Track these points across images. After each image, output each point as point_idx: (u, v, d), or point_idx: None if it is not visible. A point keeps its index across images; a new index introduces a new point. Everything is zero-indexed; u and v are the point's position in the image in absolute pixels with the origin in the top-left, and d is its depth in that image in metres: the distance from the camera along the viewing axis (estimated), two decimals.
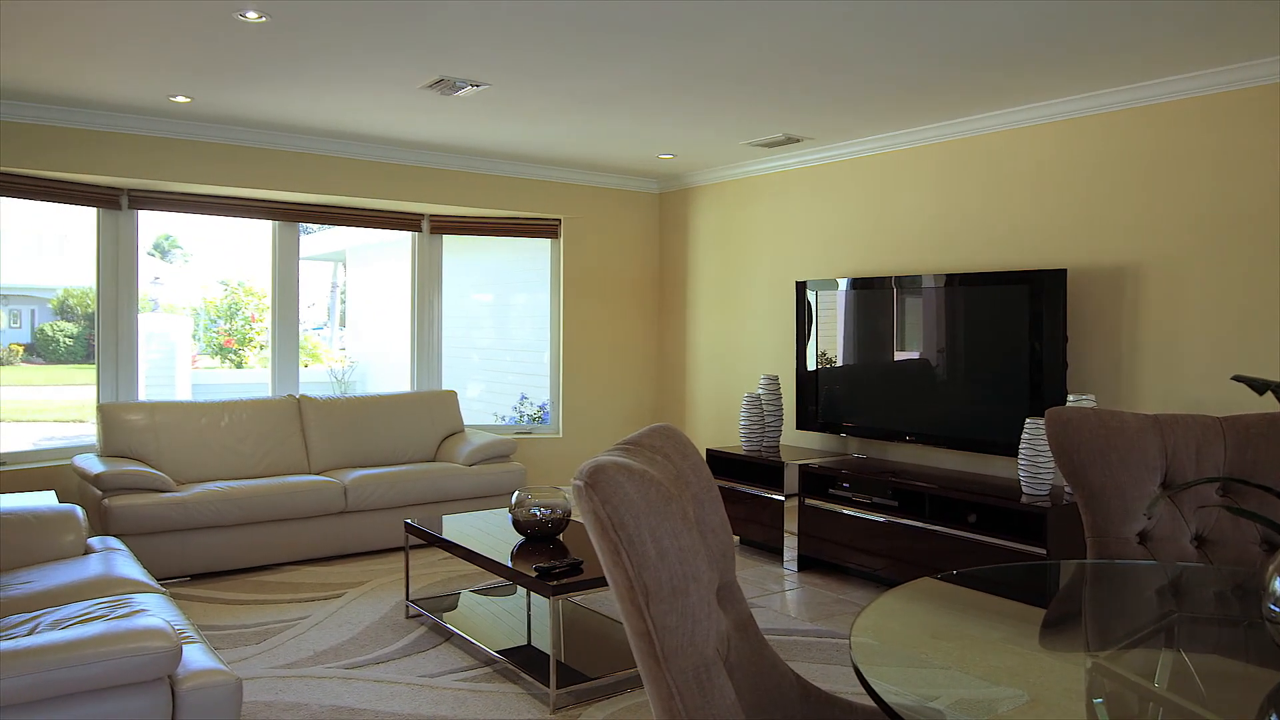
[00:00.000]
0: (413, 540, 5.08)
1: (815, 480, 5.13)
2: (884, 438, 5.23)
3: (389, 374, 10.64)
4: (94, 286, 5.93)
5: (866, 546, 4.80)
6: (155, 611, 2.86)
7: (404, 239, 7.02)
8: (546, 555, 3.68)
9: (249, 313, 11.69)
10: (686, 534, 1.36)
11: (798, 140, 5.60)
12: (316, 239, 12.92)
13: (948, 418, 4.89)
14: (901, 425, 5.11)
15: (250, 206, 6.04)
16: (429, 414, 6.13)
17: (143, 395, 8.33)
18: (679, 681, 1.35)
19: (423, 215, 6.71)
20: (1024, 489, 4.29)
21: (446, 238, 6.91)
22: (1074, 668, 1.86)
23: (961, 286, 4.86)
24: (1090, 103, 4.48)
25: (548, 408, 7.29)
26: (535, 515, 3.82)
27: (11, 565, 3.44)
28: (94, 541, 3.75)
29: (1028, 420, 4.31)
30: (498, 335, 8.23)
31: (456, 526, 4.25)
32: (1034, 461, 4.23)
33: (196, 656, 2.48)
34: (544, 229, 6.95)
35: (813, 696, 1.85)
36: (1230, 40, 3.66)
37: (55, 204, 5.46)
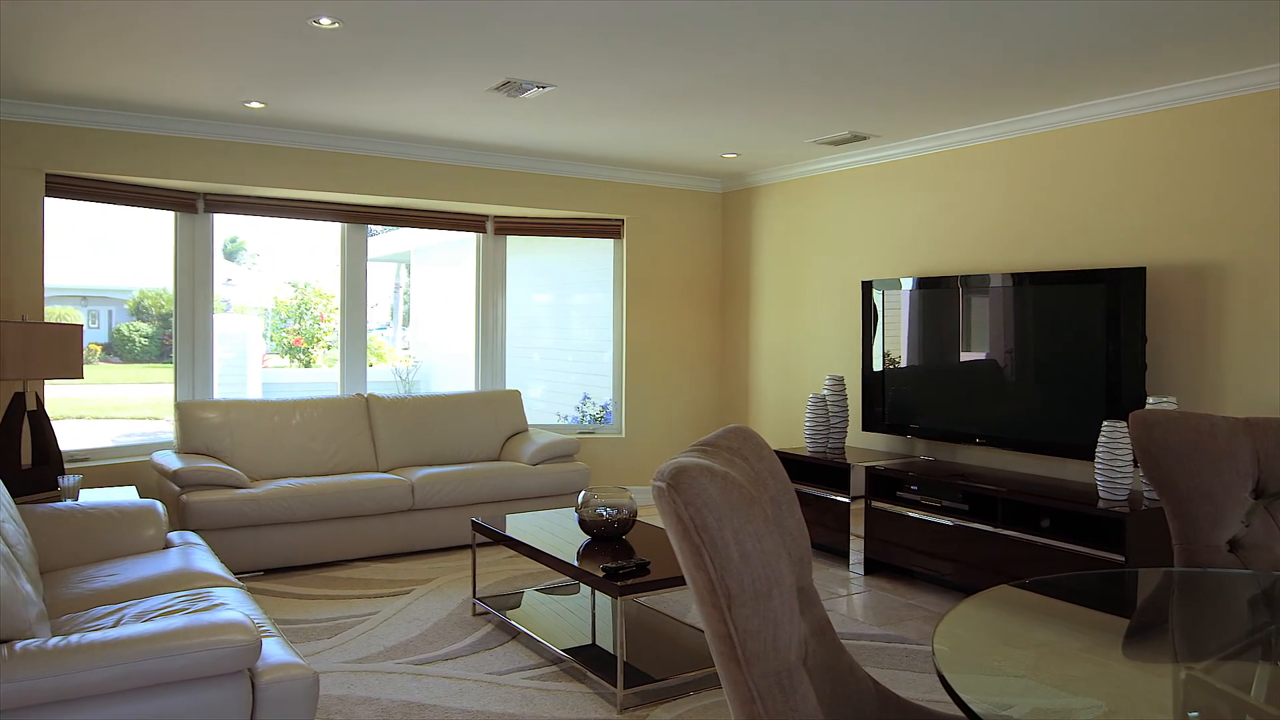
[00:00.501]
0: (478, 538, 5.14)
1: (882, 482, 5.06)
2: (953, 440, 5.13)
3: (452, 373, 10.77)
4: (168, 288, 6.10)
5: (935, 550, 4.72)
6: (234, 606, 2.93)
7: (467, 240, 7.10)
8: (613, 555, 3.68)
9: (317, 313, 11.96)
10: (769, 536, 1.34)
11: (864, 138, 5.53)
12: (381, 241, 13.13)
13: (1019, 420, 4.79)
14: (971, 427, 5.01)
15: (320, 209, 6.15)
16: (494, 413, 6.18)
17: (216, 394, 8.54)
18: (761, 686, 1.33)
19: (487, 216, 6.78)
20: (1101, 493, 4.17)
21: (510, 238, 6.96)
22: (1157, 679, 1.80)
23: (1033, 285, 4.75)
24: (1167, 96, 4.34)
25: (610, 408, 7.31)
26: (601, 515, 3.83)
27: (97, 558, 3.55)
28: (173, 536, 3.85)
29: (1105, 423, 4.19)
30: (558, 335, 8.27)
31: (523, 525, 4.28)
32: (1111, 465, 4.12)
33: (275, 650, 2.53)
34: (607, 229, 6.97)
35: (891, 703, 1.82)
36: None
37: (137, 208, 5.62)
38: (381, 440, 5.76)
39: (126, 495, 4.51)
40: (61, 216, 5.44)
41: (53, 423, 4.59)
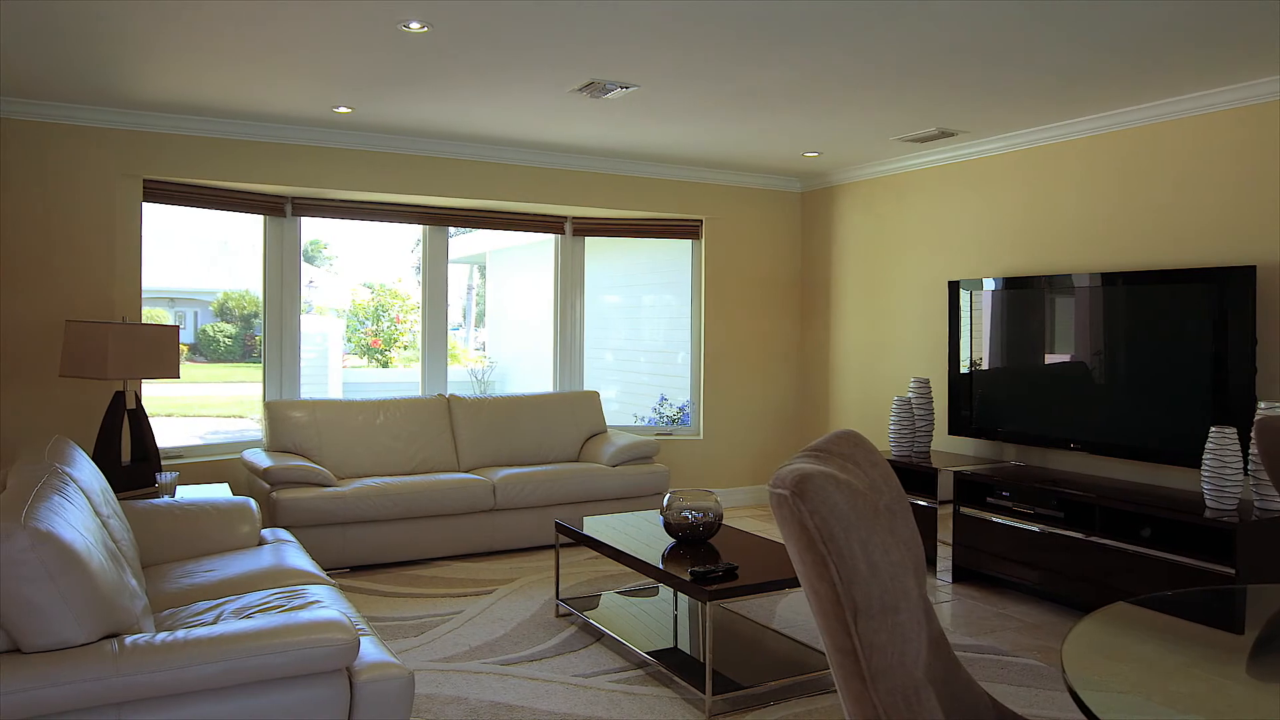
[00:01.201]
0: (561, 539, 5.13)
1: (972, 488, 4.92)
2: (1045, 445, 4.97)
3: (527, 374, 10.84)
4: (250, 289, 6.24)
5: (1027, 559, 4.57)
6: (329, 604, 2.97)
7: (543, 242, 7.13)
8: (700, 559, 3.64)
9: (394, 314, 12.16)
10: (896, 548, 1.29)
11: (951, 134, 5.39)
12: (456, 243, 13.29)
13: (1114, 424, 4.61)
14: (1064, 432, 4.85)
15: (402, 211, 6.24)
16: (572, 414, 6.19)
17: (298, 394, 8.72)
18: (887, 703, 1.28)
19: (566, 218, 6.79)
20: (1208, 502, 3.99)
21: (587, 239, 6.96)
22: (1270, 699, 1.70)
23: (1129, 285, 4.57)
24: (1273, 88, 4.14)
25: (687, 409, 7.27)
26: (687, 518, 3.79)
27: (194, 554, 3.63)
28: (265, 533, 3.92)
29: (1212, 429, 4.01)
30: (631, 336, 8.26)
31: (606, 527, 4.27)
32: (1219, 473, 3.93)
33: (370, 649, 2.55)
34: (685, 229, 6.93)
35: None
36: None
37: (228, 212, 5.76)
38: (463, 440, 5.80)
39: (220, 492, 4.62)
40: (148, 221, 5.60)
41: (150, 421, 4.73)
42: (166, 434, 10.88)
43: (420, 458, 5.63)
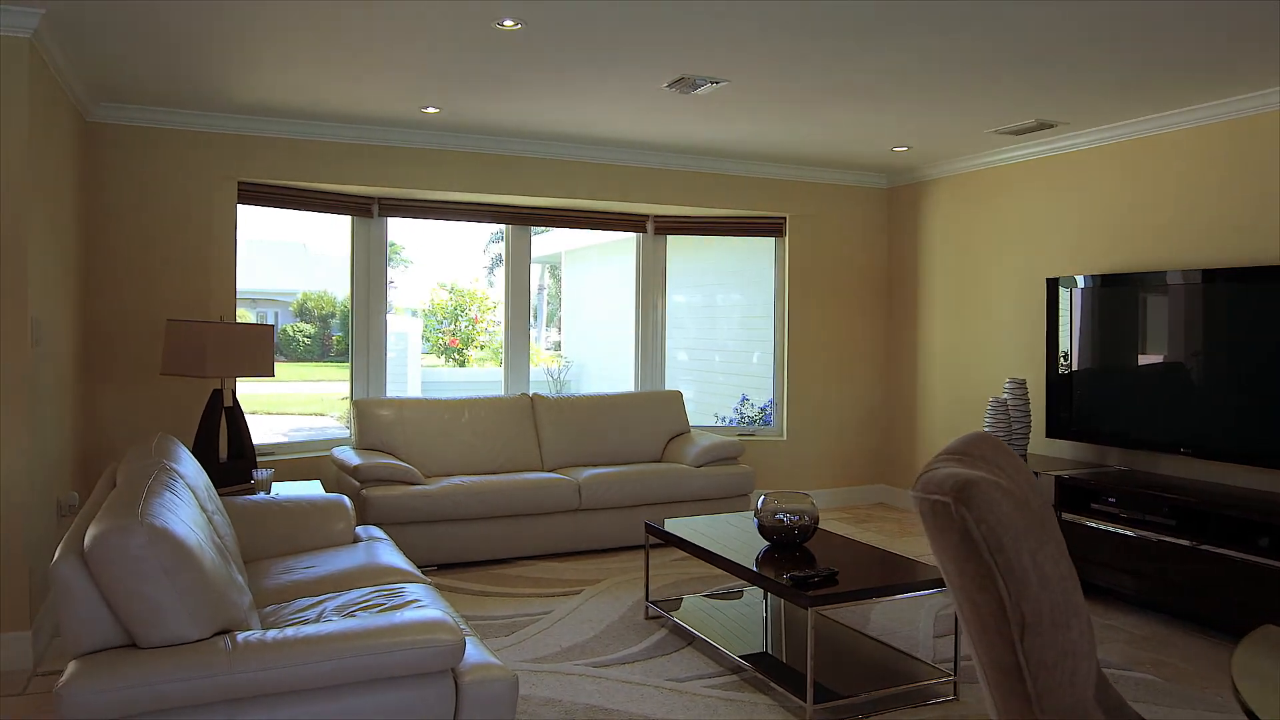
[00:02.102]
0: (651, 540, 5.08)
1: (1074, 493, 4.73)
2: (1152, 448, 4.76)
3: (602, 373, 10.84)
4: (327, 290, 6.32)
5: (1134, 568, 4.37)
6: (427, 602, 2.96)
7: (618, 242, 7.09)
8: (796, 563, 3.55)
9: (472, 314, 12.28)
10: (1064, 560, 1.20)
11: (1051, 125, 5.20)
12: (532, 244, 13.38)
13: (1226, 428, 4.39)
14: (1171, 435, 4.63)
15: (486, 211, 6.26)
16: (655, 415, 6.14)
17: (382, 393, 8.81)
18: None
19: (648, 216, 6.75)
20: None
21: (669, 238, 6.90)
22: None
23: (1245, 282, 4.34)
24: None
25: (768, 409, 7.16)
26: (782, 520, 3.71)
27: (292, 550, 3.67)
28: (359, 530, 3.94)
29: None
30: (706, 335, 8.17)
31: (696, 529, 4.20)
32: None
33: (473, 651, 2.52)
34: (768, 227, 6.83)
35: None
36: None
37: (319, 213, 5.85)
38: (546, 439, 5.79)
39: (313, 489, 4.68)
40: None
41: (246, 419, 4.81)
42: (255, 431, 11.17)
43: (504, 456, 5.64)
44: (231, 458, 4.54)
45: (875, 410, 7.04)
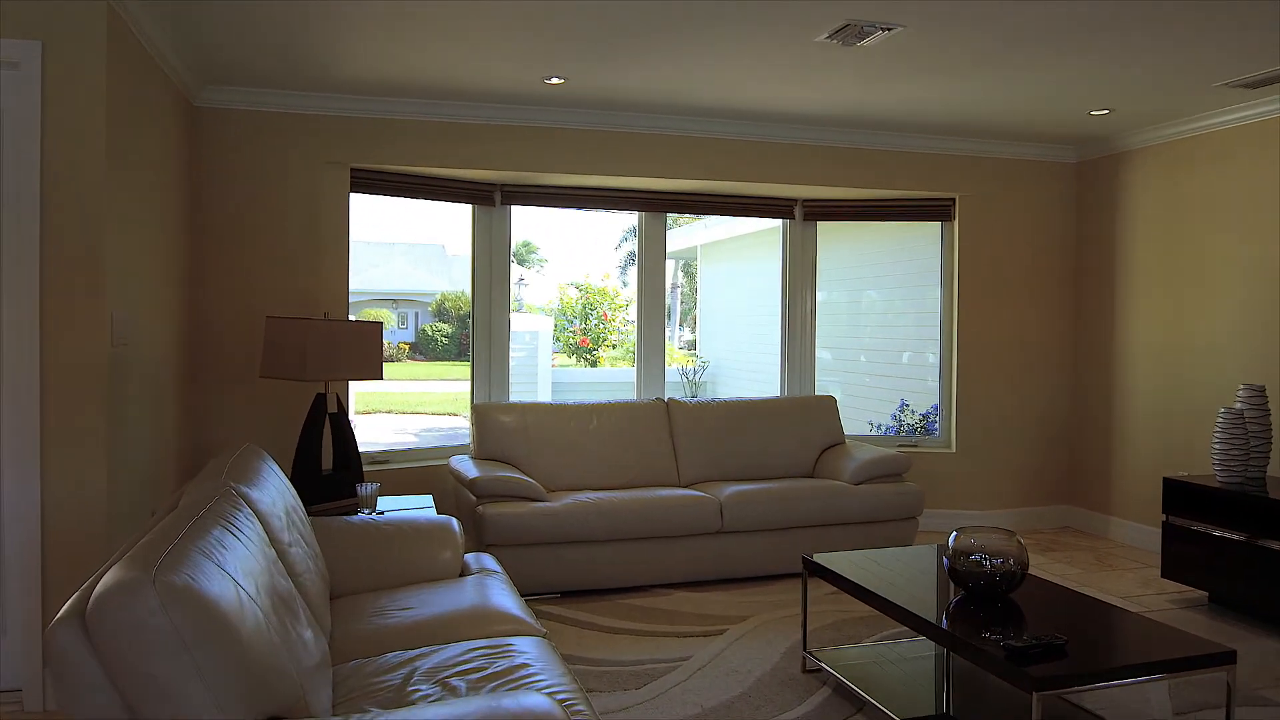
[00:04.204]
0: (793, 569, 4.38)
1: None
2: None
3: (740, 375, 10.15)
4: (465, 291, 5.86)
5: None
6: (538, 667, 2.36)
7: (759, 233, 6.41)
8: (1001, 621, 2.80)
9: (602, 311, 11.79)
10: None
11: None
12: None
13: None
14: None
15: (617, 197, 5.68)
16: (806, 422, 5.42)
17: (511, 395, 8.38)
18: None
19: (795, 200, 6.02)
20: None
21: (820, 224, 6.16)
22: None
23: None
24: None
25: (932, 417, 6.33)
26: (982, 565, 2.95)
27: (391, 582, 3.16)
28: (469, 559, 3.41)
29: None
30: (855, 332, 7.38)
31: (864, 566, 3.48)
32: None
33: None
34: (934, 210, 6.00)
35: None
36: None
37: (435, 201, 5.40)
38: (683, 450, 5.16)
39: (422, 505, 4.19)
40: (370, 224, 5.36)
41: (354, 423, 4.38)
42: (383, 431, 10.99)
43: (636, 469, 5.04)
44: (336, 469, 4.10)
45: (1061, 419, 6.10)
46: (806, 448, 5.35)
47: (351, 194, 5.06)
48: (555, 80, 4.53)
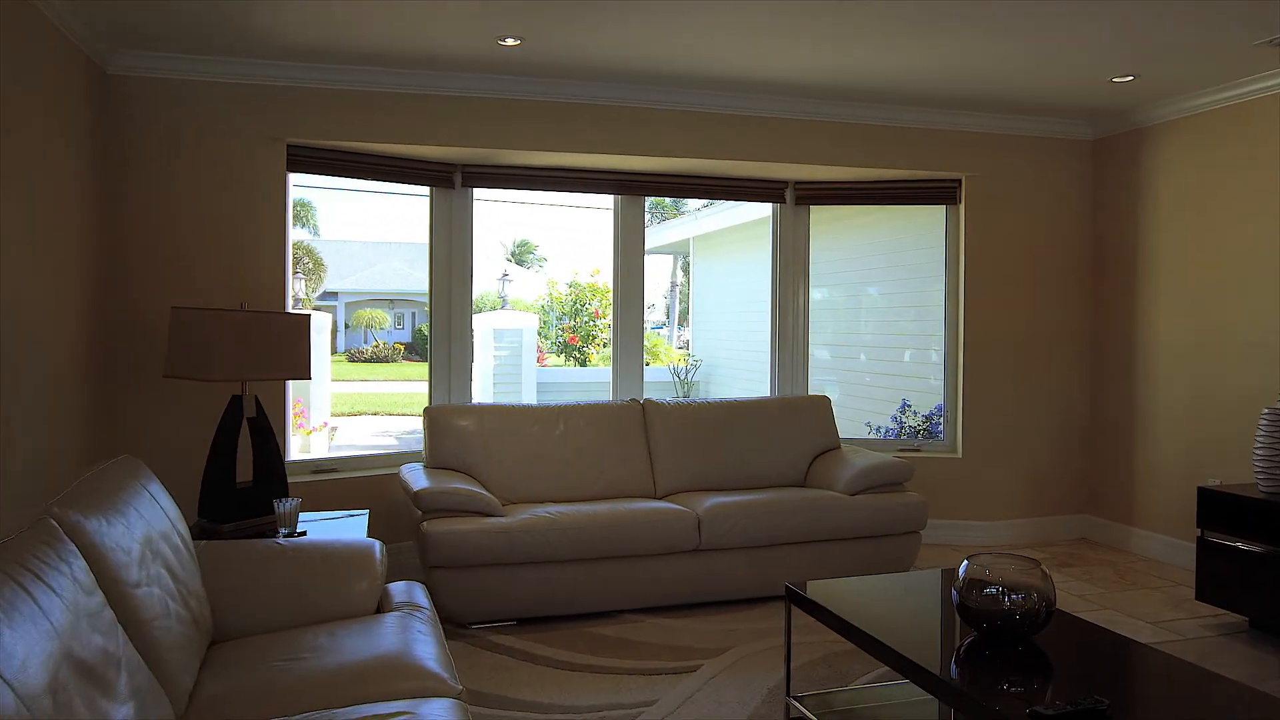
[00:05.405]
0: (779, 592, 3.87)
1: None
2: None
3: (734, 375, 9.63)
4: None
5: None
6: None
7: (752, 224, 5.91)
8: (1024, 671, 2.29)
9: (593, 308, 11.28)
10: None
11: None
12: (656, 232, 12.29)
13: None
14: None
15: (591, 179, 5.17)
16: (798, 425, 4.90)
17: (491, 394, 7.85)
18: None
19: (787, 182, 5.51)
20: None
21: (814, 209, 5.64)
22: None
23: None
24: None
25: (936, 418, 5.81)
26: (1000, 601, 2.43)
27: (292, 621, 2.64)
28: (398, 589, 2.90)
29: None
30: (854, 328, 6.89)
31: (857, 596, 2.97)
32: None
33: None
34: (937, 192, 5.47)
35: None
36: None
37: (388, 183, 4.90)
38: (659, 457, 4.65)
39: (352, 525, 3.68)
40: (358, 222, 4.87)
41: (335, 425, 3.87)
42: (362, 434, 10.46)
43: (607, 479, 4.52)
44: (257, 481, 3.59)
45: (1078, 422, 5.58)
46: (797, 454, 4.83)
47: (292, 174, 4.56)
48: (511, 41, 4.02)
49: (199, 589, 2.45)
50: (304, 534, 3.39)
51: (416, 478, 4.15)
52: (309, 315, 3.75)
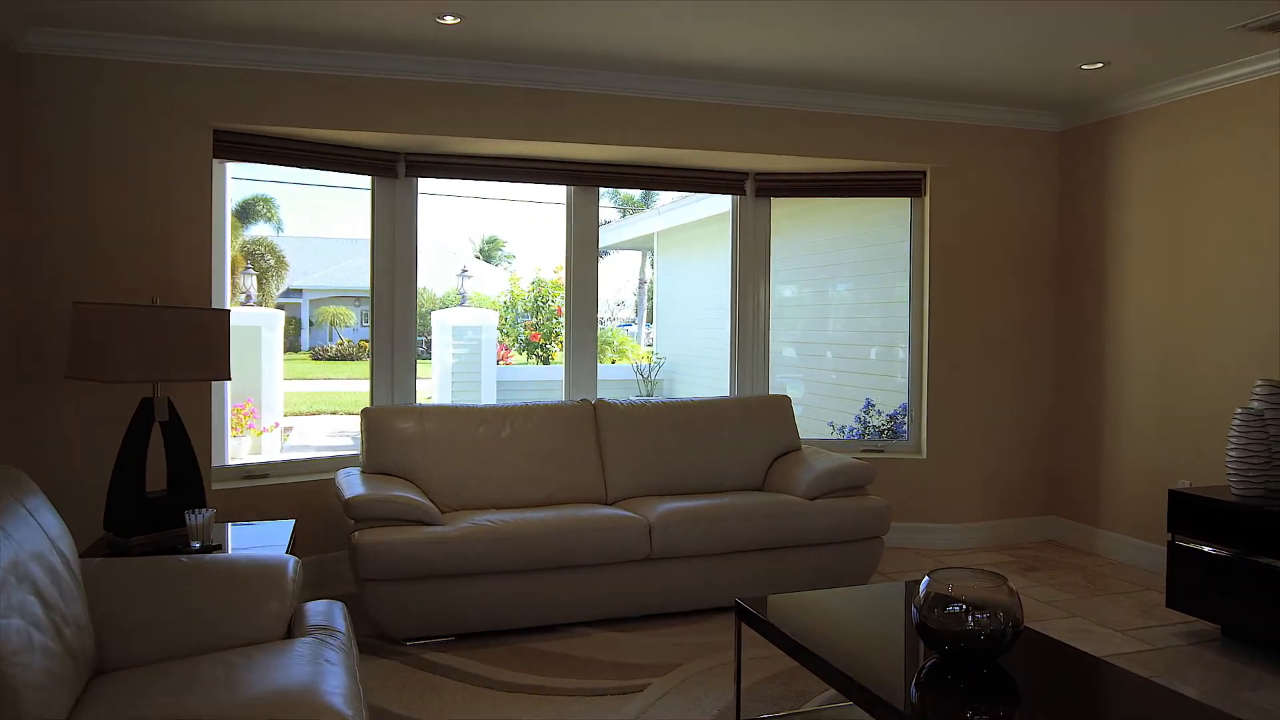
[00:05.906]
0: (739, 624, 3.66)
1: None
2: None
3: (698, 374, 9.42)
4: (426, 288, 5.07)
5: None
6: None
7: (714, 218, 5.70)
8: (989, 701, 2.09)
9: (556, 305, 11.01)
10: None
11: None
12: (620, 228, 12.05)
13: None
14: None
15: (543, 169, 4.94)
16: (756, 426, 4.70)
17: (450, 393, 7.59)
18: None
19: (747, 173, 5.30)
20: None
21: (775, 201, 5.44)
22: None
23: None
24: None
25: (900, 418, 5.63)
26: (964, 621, 2.23)
27: (190, 648, 2.39)
28: (315, 609, 2.65)
29: None
30: (820, 325, 6.71)
31: (810, 613, 2.77)
32: None
33: None
34: (901, 184, 5.29)
35: None
36: None
37: (326, 173, 4.64)
38: (611, 460, 4.43)
39: (276, 536, 3.43)
40: (320, 218, 4.60)
41: (290, 426, 3.61)
42: (318, 435, 10.14)
43: (556, 484, 4.29)
44: (172, 489, 3.33)
45: (1044, 421, 5.43)
46: (756, 456, 4.63)
47: (220, 161, 4.29)
48: (449, 20, 3.77)
49: (79, 615, 2.20)
50: (218, 548, 3.14)
51: (351, 484, 3.90)
52: (227, 312, 3.49)
